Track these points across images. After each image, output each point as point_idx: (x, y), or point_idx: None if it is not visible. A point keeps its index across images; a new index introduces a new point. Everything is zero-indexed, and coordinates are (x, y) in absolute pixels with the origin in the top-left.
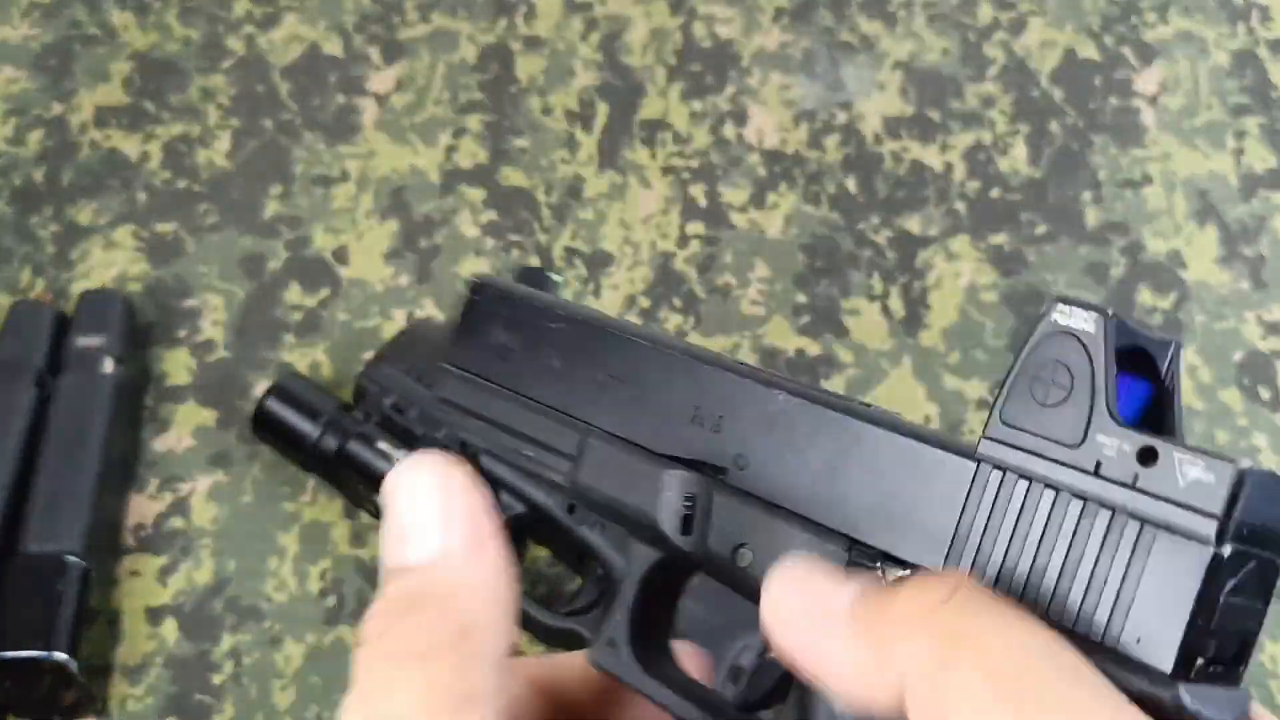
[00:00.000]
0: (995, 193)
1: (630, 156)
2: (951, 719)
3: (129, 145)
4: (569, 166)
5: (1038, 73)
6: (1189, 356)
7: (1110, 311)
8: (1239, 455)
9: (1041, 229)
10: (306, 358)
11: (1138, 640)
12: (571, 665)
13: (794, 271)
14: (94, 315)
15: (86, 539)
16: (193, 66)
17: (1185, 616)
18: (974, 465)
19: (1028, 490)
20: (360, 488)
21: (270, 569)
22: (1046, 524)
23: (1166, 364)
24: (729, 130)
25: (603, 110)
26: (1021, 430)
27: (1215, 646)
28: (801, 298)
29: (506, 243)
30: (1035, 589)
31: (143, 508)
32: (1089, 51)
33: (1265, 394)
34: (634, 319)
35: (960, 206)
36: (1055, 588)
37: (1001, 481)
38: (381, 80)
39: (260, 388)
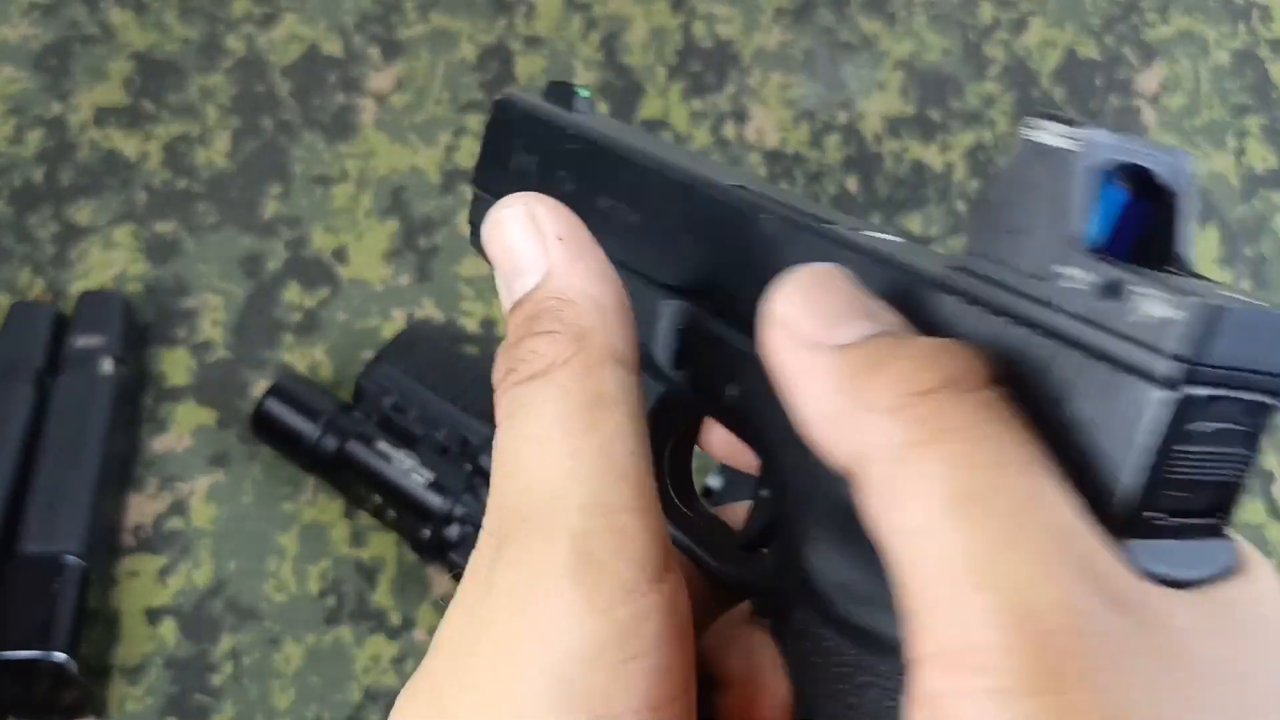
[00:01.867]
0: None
1: None
2: (895, 513)
3: (128, 145)
4: None
5: (1038, 72)
6: None
7: (1088, 125)
8: None
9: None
10: (306, 358)
11: (1093, 491)
12: None
13: None
14: (93, 315)
15: (86, 539)
16: (192, 66)
17: (1140, 467)
18: (936, 293)
19: (985, 321)
20: (360, 488)
21: (270, 569)
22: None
23: (1170, 181)
24: (729, 130)
25: (603, 110)
26: (987, 258)
27: (1181, 499)
28: None
29: None
30: None
31: (142, 508)
32: (1090, 51)
33: None
34: None
35: (961, 206)
36: None
37: (964, 311)
38: (381, 80)
39: (260, 388)
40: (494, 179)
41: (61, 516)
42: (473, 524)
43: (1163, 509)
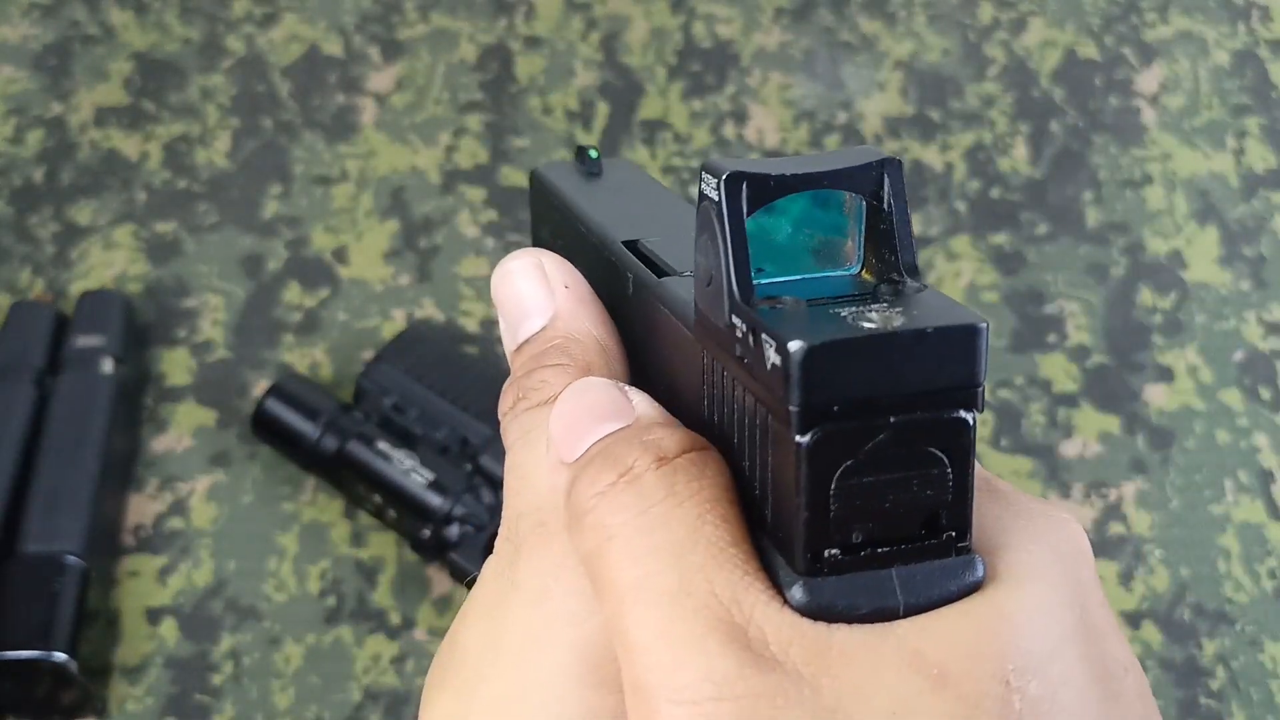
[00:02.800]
0: (996, 192)
1: (630, 156)
2: (599, 599)
3: (128, 145)
4: None
5: (1038, 72)
6: (1189, 356)
7: (740, 170)
8: (1239, 456)
9: (1042, 229)
10: (306, 358)
11: (779, 537)
12: None
13: None
14: (93, 315)
15: (86, 539)
16: (192, 66)
17: (798, 510)
18: (699, 349)
19: (724, 382)
20: (360, 488)
21: (270, 569)
22: (711, 412)
23: (857, 193)
24: (729, 130)
25: (603, 110)
26: (704, 314)
27: (863, 529)
28: None
29: (507, 243)
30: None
31: (142, 508)
32: (1089, 51)
33: (1266, 394)
34: None
35: (961, 206)
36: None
37: (712, 368)
38: (381, 80)
39: (260, 388)
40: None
41: (62, 516)
42: (472, 524)
43: (837, 545)
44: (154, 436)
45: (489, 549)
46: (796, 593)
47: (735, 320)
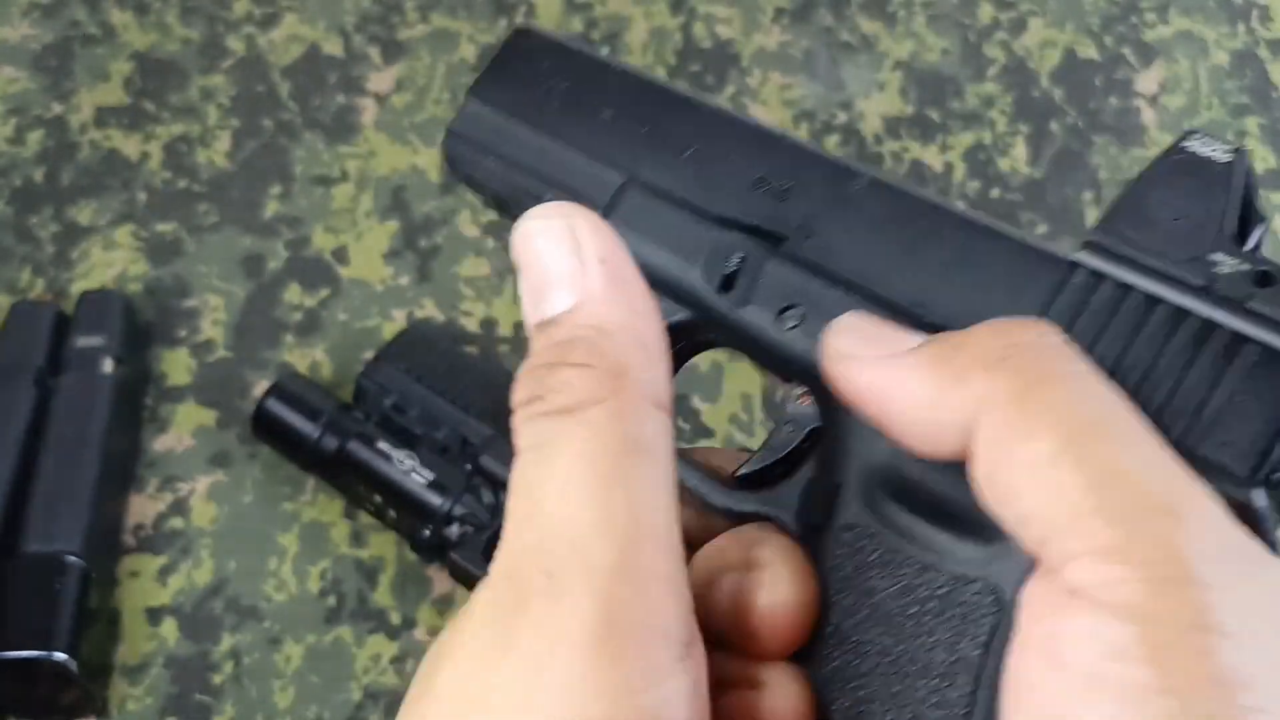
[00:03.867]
0: (995, 193)
1: None
2: (1015, 459)
3: (129, 145)
4: None
5: (1038, 73)
6: None
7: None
8: None
9: (1042, 229)
10: (306, 358)
11: (1220, 445)
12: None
13: None
14: (94, 315)
15: (86, 539)
16: (193, 66)
17: (1273, 426)
18: (1067, 266)
19: (1122, 299)
20: (360, 488)
21: (270, 569)
22: (1140, 331)
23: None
24: None
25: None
26: (1127, 239)
27: None
28: None
29: (507, 243)
30: (1127, 390)
31: (142, 508)
32: (1089, 51)
33: None
34: None
35: (961, 205)
36: (1139, 391)
37: (1097, 286)
38: (381, 80)
39: (260, 388)
40: (505, 92)
41: (62, 516)
42: (472, 524)
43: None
44: (154, 436)
45: (489, 549)
46: (1257, 496)
47: (1220, 257)
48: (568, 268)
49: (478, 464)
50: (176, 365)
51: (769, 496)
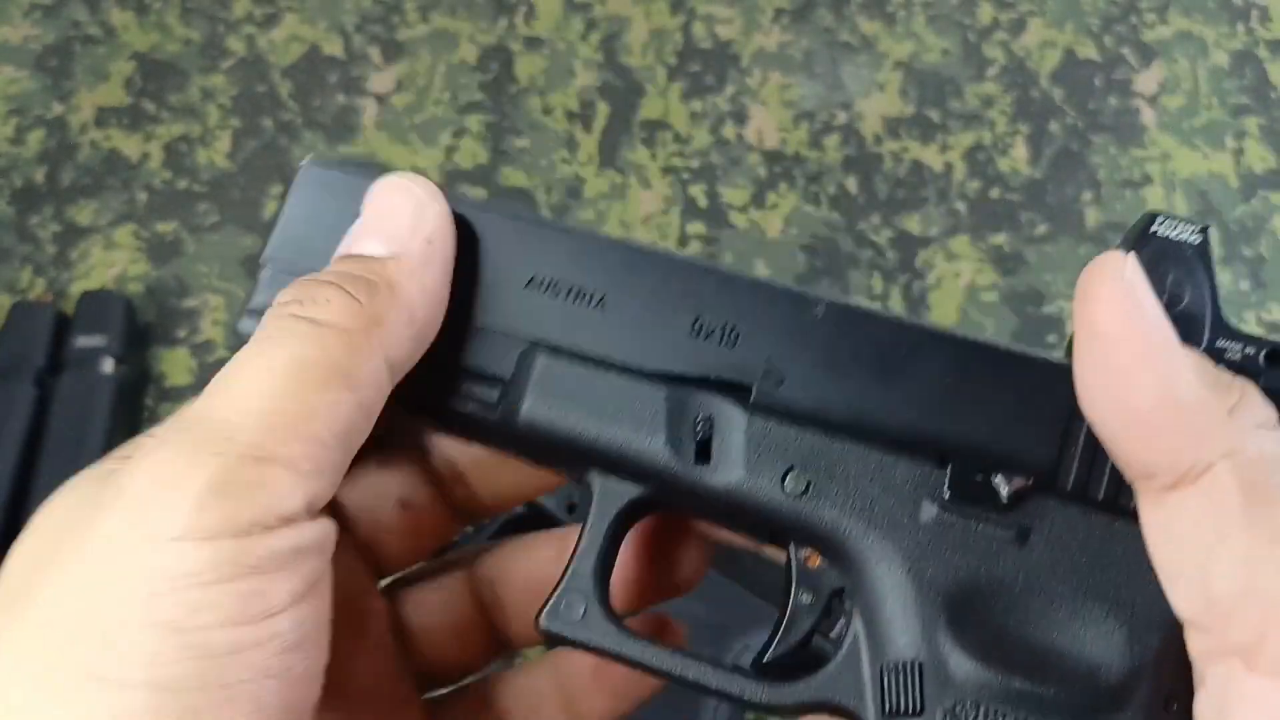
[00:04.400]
0: (995, 193)
1: (630, 156)
2: (1266, 508)
3: (129, 145)
4: (569, 166)
5: (1037, 73)
6: None
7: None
8: None
9: (1041, 229)
10: None
11: None
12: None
13: (794, 271)
14: (94, 315)
15: None
16: (193, 67)
17: None
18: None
19: None
20: None
21: None
22: None
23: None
24: (729, 130)
25: (603, 110)
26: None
27: None
28: None
29: None
30: None
31: None
32: (1089, 52)
33: None
34: None
35: (960, 206)
36: None
37: None
38: (382, 80)
39: None
40: (311, 249)
41: None
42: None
43: None
44: None
45: (495, 537)
46: None
47: (1225, 343)
48: (400, 229)
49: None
50: (177, 365)
51: (825, 684)
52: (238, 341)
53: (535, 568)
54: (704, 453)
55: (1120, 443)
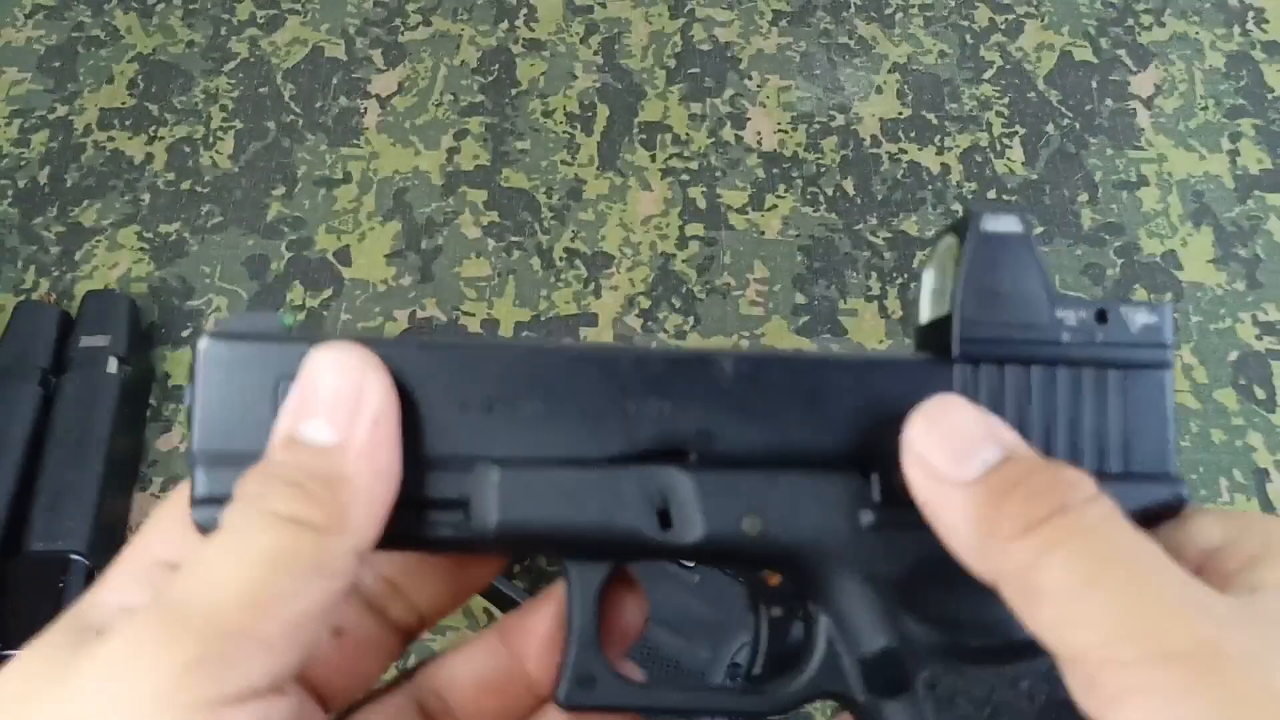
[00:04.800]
0: (992, 194)
1: (630, 158)
2: (1036, 613)
3: (133, 147)
4: (569, 168)
5: (1034, 75)
6: (1185, 356)
7: (1017, 209)
8: (1234, 454)
9: (1038, 230)
10: None
11: (1140, 459)
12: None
13: (792, 272)
14: (98, 316)
15: (90, 538)
16: (196, 68)
17: (1168, 429)
18: (954, 365)
19: (1005, 374)
20: None
21: None
22: (1031, 397)
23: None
24: (728, 132)
25: (603, 112)
26: (985, 323)
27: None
28: (800, 298)
29: (508, 244)
30: (1038, 454)
31: (146, 507)
32: (1085, 54)
33: (1260, 394)
34: (634, 319)
35: (957, 208)
36: (1057, 445)
37: (981, 373)
38: (383, 82)
39: None
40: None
41: (67, 515)
42: None
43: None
44: (158, 436)
45: None
46: (1185, 489)
47: (1063, 312)
48: (343, 411)
49: None
50: (180, 365)
51: (814, 679)
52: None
53: (479, 668)
54: (665, 519)
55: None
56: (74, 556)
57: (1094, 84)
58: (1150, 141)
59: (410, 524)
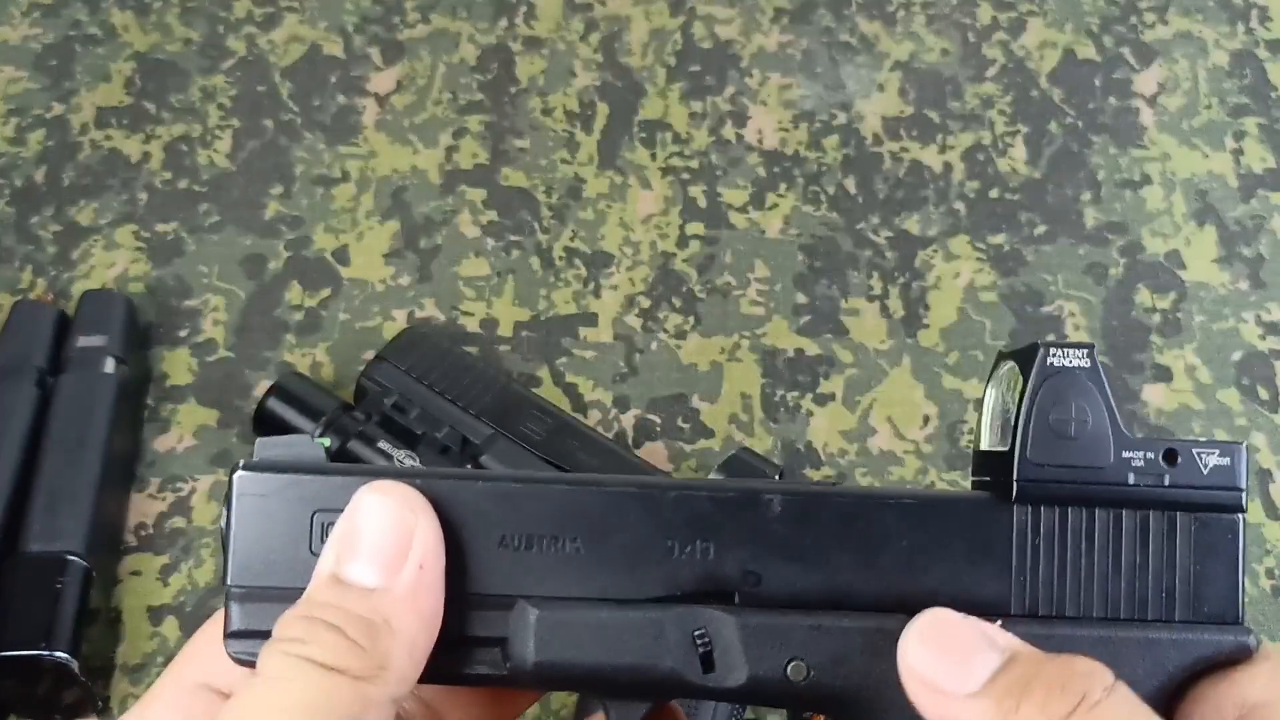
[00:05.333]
0: (994, 193)
1: (630, 157)
2: None
3: (130, 145)
4: (569, 167)
5: (1037, 73)
6: (1188, 356)
7: (1084, 345)
8: None
9: (1040, 229)
10: (307, 358)
11: (1206, 609)
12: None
13: (793, 271)
14: (95, 315)
15: (88, 538)
16: (193, 67)
17: (1238, 574)
18: (1013, 507)
19: (1068, 516)
20: None
21: None
22: (1094, 541)
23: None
24: (729, 130)
25: (603, 111)
26: (1048, 465)
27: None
28: (801, 298)
29: (507, 243)
30: (1099, 599)
31: (144, 507)
32: (1088, 52)
33: (1264, 394)
34: (634, 319)
35: (959, 206)
36: (1120, 591)
37: (1041, 515)
38: (382, 80)
39: (261, 388)
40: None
41: (64, 516)
42: None
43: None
44: (156, 436)
45: None
46: (1251, 638)
47: (1129, 453)
48: (389, 554)
49: (478, 464)
50: (178, 365)
51: None
52: (238, 342)
53: None
54: (708, 662)
55: None
56: (71, 557)
57: (1097, 82)
58: (1153, 140)
59: (447, 661)
